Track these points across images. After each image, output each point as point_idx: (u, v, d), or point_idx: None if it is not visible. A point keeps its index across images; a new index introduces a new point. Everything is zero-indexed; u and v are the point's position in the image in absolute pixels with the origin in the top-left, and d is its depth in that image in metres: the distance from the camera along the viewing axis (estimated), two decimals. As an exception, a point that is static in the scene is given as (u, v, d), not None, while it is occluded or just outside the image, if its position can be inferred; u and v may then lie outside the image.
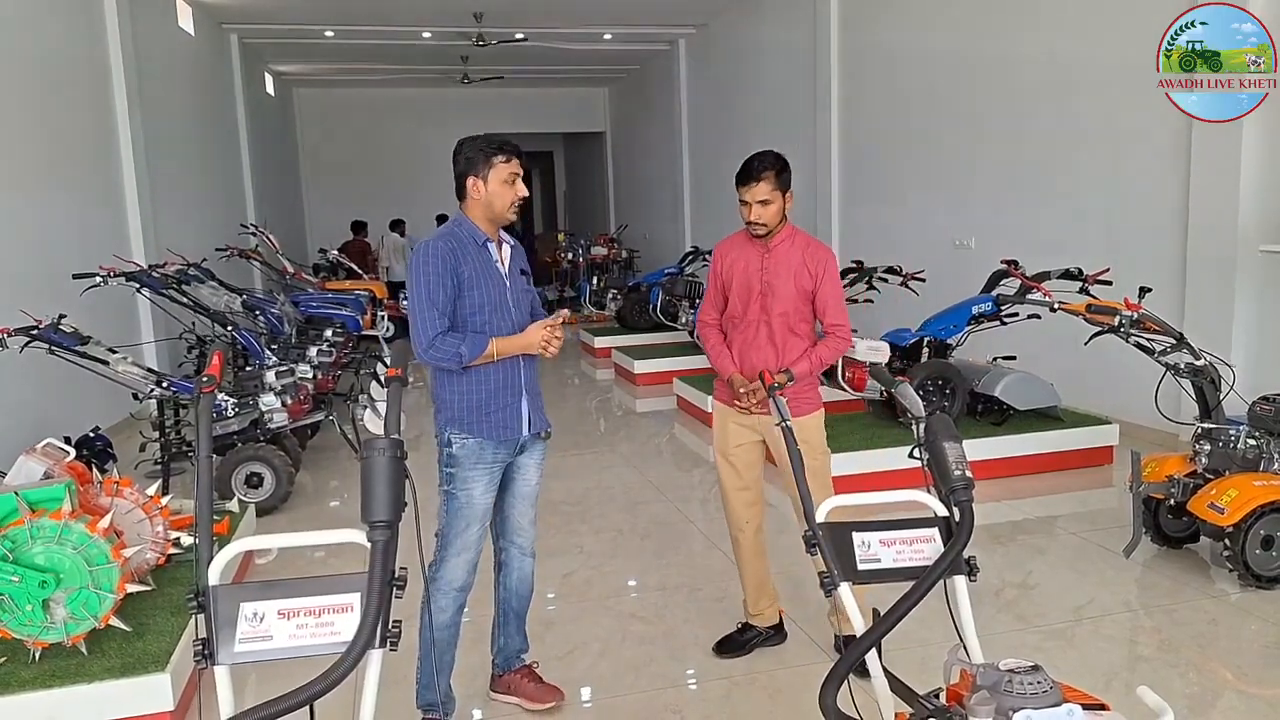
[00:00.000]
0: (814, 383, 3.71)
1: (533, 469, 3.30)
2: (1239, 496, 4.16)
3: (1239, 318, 6.09)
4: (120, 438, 6.65)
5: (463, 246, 3.07)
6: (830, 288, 3.61)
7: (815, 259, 3.59)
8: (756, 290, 3.62)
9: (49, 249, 7.30)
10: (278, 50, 15.94)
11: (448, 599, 3.16)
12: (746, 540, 3.77)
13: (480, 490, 3.13)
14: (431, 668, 3.14)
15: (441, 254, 3.01)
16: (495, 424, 3.12)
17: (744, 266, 3.66)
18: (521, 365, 3.17)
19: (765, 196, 3.50)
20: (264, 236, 11.63)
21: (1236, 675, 3.63)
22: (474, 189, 3.07)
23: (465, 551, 3.14)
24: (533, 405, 3.21)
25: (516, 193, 3.09)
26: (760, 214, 3.52)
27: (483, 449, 3.11)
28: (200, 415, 2.05)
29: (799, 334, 3.62)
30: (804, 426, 3.60)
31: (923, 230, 9.19)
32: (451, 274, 3.01)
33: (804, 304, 3.61)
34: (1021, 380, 6.37)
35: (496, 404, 3.12)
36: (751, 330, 3.65)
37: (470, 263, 3.06)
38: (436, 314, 2.98)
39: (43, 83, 7.62)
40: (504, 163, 3.04)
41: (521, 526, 3.34)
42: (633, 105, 19.75)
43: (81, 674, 3.23)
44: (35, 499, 3.37)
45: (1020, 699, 1.76)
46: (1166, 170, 6.53)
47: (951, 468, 2.21)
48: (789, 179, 3.57)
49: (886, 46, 9.87)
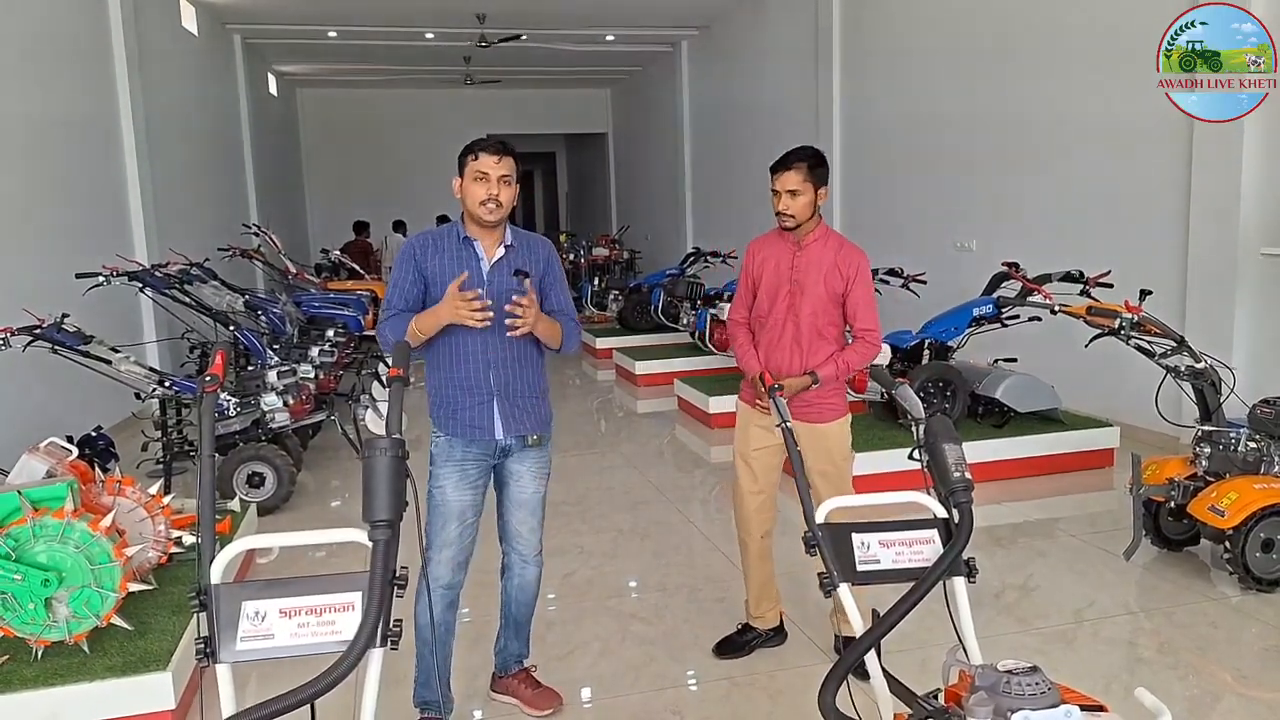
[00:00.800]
0: (840, 388, 3.62)
1: (527, 477, 3.25)
2: (1239, 499, 4.16)
3: (1239, 320, 6.09)
4: (122, 437, 6.65)
5: (439, 243, 3.11)
6: (862, 291, 3.52)
7: (848, 261, 3.52)
8: (785, 289, 3.57)
9: (52, 248, 7.31)
10: (281, 50, 15.97)
11: (435, 595, 3.13)
12: (754, 544, 3.74)
13: (451, 488, 3.11)
14: (430, 665, 3.14)
15: (410, 249, 3.12)
16: (463, 423, 3.11)
17: (774, 264, 3.62)
18: (490, 366, 3.10)
19: (795, 187, 3.46)
20: (266, 236, 11.63)
21: (1236, 678, 3.63)
22: (457, 189, 3.10)
23: (446, 549, 3.12)
24: (509, 409, 3.13)
25: (489, 191, 3.02)
26: (789, 204, 3.49)
27: (452, 447, 3.12)
28: (203, 414, 2.06)
29: (826, 337, 3.56)
30: (827, 433, 3.59)
31: (924, 232, 9.19)
32: (415, 269, 3.08)
33: (833, 306, 3.54)
34: (1022, 382, 6.37)
35: (464, 403, 3.10)
36: (777, 330, 3.60)
37: (442, 258, 3.08)
38: (391, 300, 3.08)
39: (45, 82, 7.63)
40: (473, 160, 3.04)
41: (520, 534, 3.30)
42: (635, 106, 19.77)
43: (83, 672, 3.24)
44: (38, 498, 3.38)
45: (1018, 700, 1.77)
46: (1167, 173, 6.53)
47: (951, 469, 2.22)
48: (824, 175, 3.52)
49: (888, 49, 9.88)
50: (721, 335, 8.92)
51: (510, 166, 3.07)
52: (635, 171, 19.92)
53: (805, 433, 3.56)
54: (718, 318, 8.91)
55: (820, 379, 3.46)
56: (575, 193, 26.24)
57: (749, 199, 13.62)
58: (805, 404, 3.55)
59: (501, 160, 3.04)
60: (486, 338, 3.07)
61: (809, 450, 3.59)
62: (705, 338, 9.14)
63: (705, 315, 9.19)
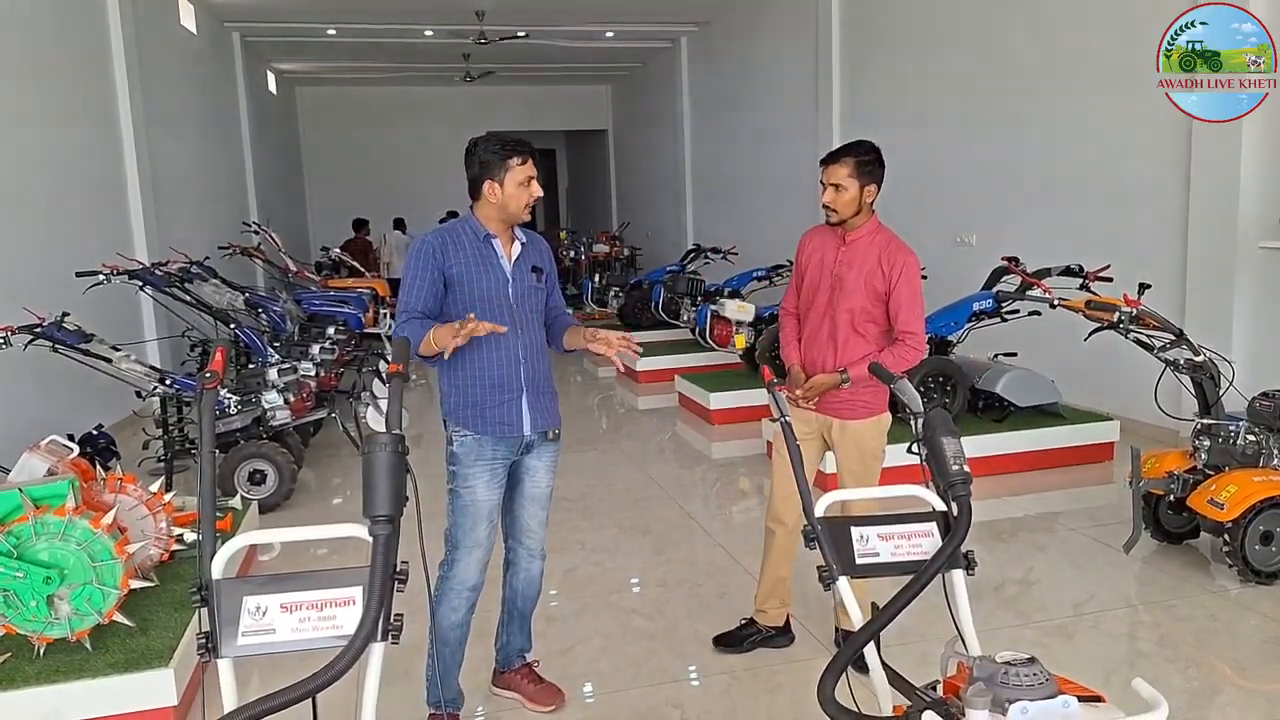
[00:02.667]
0: (876, 387, 3.48)
1: (542, 472, 3.25)
2: (1238, 492, 4.17)
3: (1238, 314, 6.10)
4: (123, 435, 6.66)
5: (458, 241, 3.06)
6: (905, 292, 3.43)
7: (892, 261, 3.44)
8: (827, 283, 3.53)
9: (52, 247, 7.32)
10: (280, 48, 15.96)
11: (460, 599, 3.13)
12: (780, 535, 3.69)
13: (483, 487, 3.08)
14: (449, 664, 3.15)
15: (430, 248, 3.03)
16: (493, 420, 3.07)
17: (820, 257, 3.59)
18: (520, 362, 3.10)
19: (840, 181, 3.43)
20: (266, 234, 11.64)
21: (1235, 670, 3.64)
22: (490, 192, 3.03)
23: (476, 549, 3.11)
24: (535, 403, 3.14)
25: (532, 194, 3.05)
26: (833, 198, 3.46)
27: (482, 445, 3.07)
28: (203, 411, 2.06)
29: (863, 334, 3.49)
30: (860, 431, 3.54)
31: (924, 227, 9.18)
32: (437, 269, 3.01)
33: (874, 304, 3.47)
34: (1022, 377, 6.38)
35: (494, 400, 3.07)
36: (815, 324, 3.58)
37: (464, 258, 3.04)
38: (410, 302, 3.00)
39: (44, 81, 7.63)
40: (520, 165, 3.01)
41: (530, 528, 3.30)
42: (635, 103, 19.75)
43: (85, 669, 3.25)
44: (39, 495, 3.38)
45: (1016, 690, 1.77)
46: (1167, 167, 6.53)
47: (950, 463, 2.22)
48: (874, 172, 3.47)
49: (888, 45, 9.88)
50: (722, 331, 8.92)
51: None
52: (636, 168, 19.91)
53: (837, 429, 3.56)
54: (718, 314, 8.91)
55: (852, 378, 3.42)
56: (575, 189, 26.23)
57: (750, 195, 13.62)
58: (839, 400, 3.52)
59: (534, 163, 3.08)
60: (516, 333, 3.07)
61: (839, 447, 3.58)
62: (706, 334, 9.13)
63: (706, 311, 9.18)
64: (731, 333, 8.74)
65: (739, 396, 7.88)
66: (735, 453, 7.11)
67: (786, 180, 12.09)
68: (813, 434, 3.62)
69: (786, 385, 3.60)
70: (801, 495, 2.32)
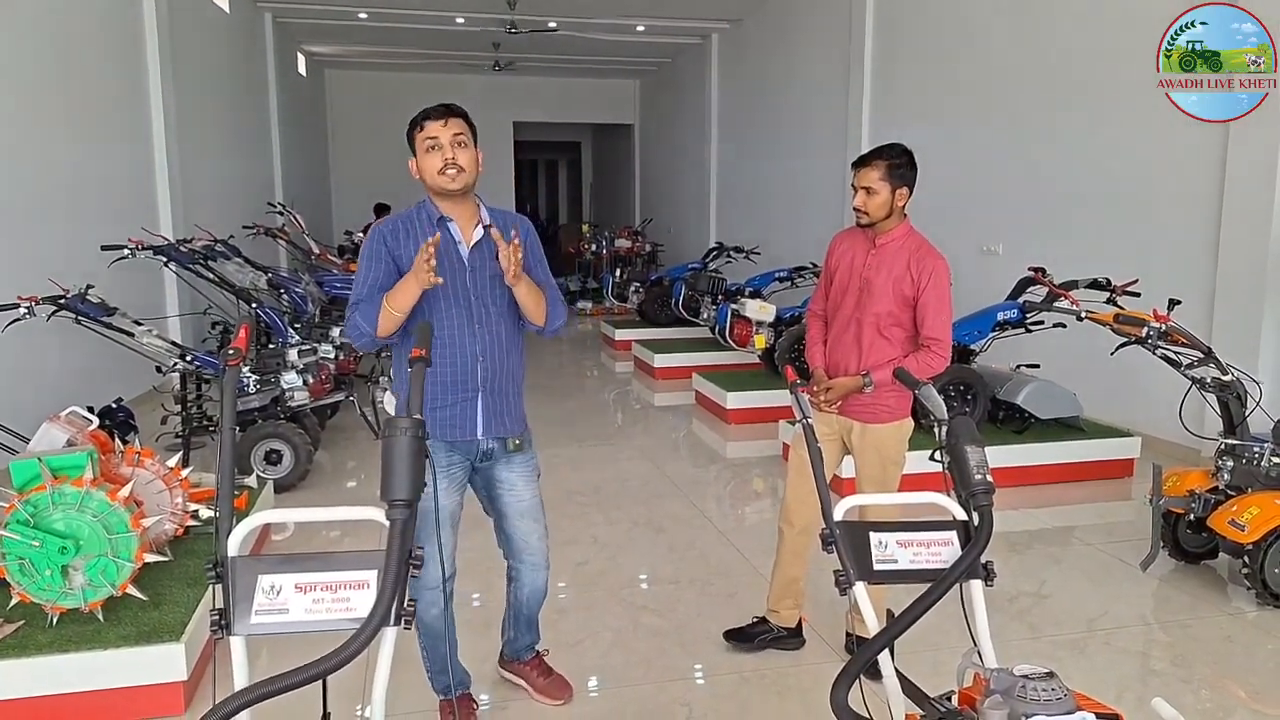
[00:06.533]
0: (899, 392, 3.46)
1: (520, 483, 3.04)
2: (1260, 514, 4.12)
3: (1267, 334, 6.02)
4: (142, 410, 6.71)
5: (410, 229, 2.90)
6: (933, 297, 3.39)
7: (921, 267, 3.41)
8: (855, 285, 3.52)
9: (79, 222, 7.37)
10: (311, 31, 16.00)
11: (434, 594, 2.93)
12: (791, 536, 3.67)
13: (441, 493, 2.82)
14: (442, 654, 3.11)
15: (381, 236, 2.90)
16: (441, 422, 2.86)
17: (850, 259, 3.58)
18: (478, 359, 2.87)
19: (872, 184, 3.41)
20: (291, 216, 11.68)
21: (1250, 694, 3.59)
22: (413, 170, 2.91)
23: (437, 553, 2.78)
24: (491, 405, 2.91)
25: (444, 158, 2.80)
26: (864, 201, 3.44)
27: (435, 449, 2.82)
28: (225, 388, 2.06)
29: (889, 338, 3.47)
30: (881, 435, 3.52)
31: (950, 234, 9.10)
32: (388, 255, 2.85)
33: (901, 309, 3.44)
34: (1044, 389, 6.32)
35: (445, 400, 2.87)
36: (841, 326, 3.56)
37: (416, 243, 2.82)
38: (360, 294, 2.83)
39: (76, 55, 7.68)
40: (419, 131, 2.84)
41: (529, 544, 3.13)
42: (663, 99, 19.71)
43: (97, 640, 3.26)
44: (58, 465, 3.40)
45: (1034, 705, 1.74)
46: (1199, 182, 6.45)
47: (972, 471, 2.19)
48: (906, 175, 3.44)
49: (920, 49, 9.81)
50: (742, 331, 8.89)
51: (462, 127, 2.84)
52: (660, 164, 19.87)
53: (857, 432, 3.54)
54: (739, 313, 8.89)
55: (874, 382, 3.39)
56: (599, 184, 26.20)
57: (774, 196, 13.57)
58: (861, 403, 3.50)
59: (449, 121, 2.82)
60: (473, 327, 2.86)
61: (859, 451, 3.56)
62: (726, 333, 9.11)
63: (726, 310, 9.16)
64: (751, 333, 8.71)
65: (756, 397, 7.86)
66: (751, 453, 7.09)
67: (812, 182, 12.04)
68: (833, 436, 3.61)
69: (809, 387, 3.59)
70: (821, 498, 2.30)
